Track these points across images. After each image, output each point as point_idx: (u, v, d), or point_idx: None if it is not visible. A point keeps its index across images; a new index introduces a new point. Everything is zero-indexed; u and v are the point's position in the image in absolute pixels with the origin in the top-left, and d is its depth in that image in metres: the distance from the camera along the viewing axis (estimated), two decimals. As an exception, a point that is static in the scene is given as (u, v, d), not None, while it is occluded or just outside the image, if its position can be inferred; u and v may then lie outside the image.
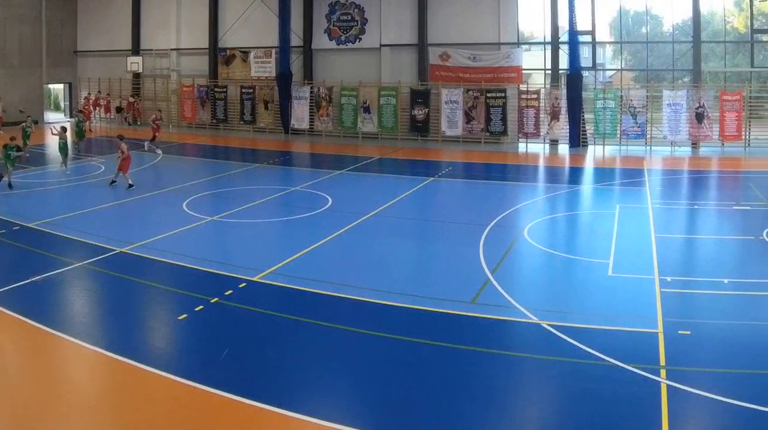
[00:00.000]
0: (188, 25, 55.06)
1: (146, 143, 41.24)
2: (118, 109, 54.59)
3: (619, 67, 49.56)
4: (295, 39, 50.78)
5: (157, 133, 41.91)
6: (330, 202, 26.89)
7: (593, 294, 17.10)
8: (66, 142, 35.43)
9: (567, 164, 41.15)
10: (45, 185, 31.48)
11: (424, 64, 48.39)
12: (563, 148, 45.45)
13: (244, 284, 17.22)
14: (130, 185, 28.88)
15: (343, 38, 50.63)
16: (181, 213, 25.02)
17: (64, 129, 35.58)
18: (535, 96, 45.81)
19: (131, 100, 56.05)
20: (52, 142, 39.56)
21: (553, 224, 24.45)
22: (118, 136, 31.34)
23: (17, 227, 23.18)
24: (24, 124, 38.31)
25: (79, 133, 41.60)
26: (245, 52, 53.07)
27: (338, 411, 11.47)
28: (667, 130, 43.55)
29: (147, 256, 19.84)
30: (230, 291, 16.69)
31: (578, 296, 17.00)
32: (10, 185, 28.46)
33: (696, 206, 27.31)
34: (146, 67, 55.96)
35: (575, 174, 37.89)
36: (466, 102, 46.78)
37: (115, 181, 29.68)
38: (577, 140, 44.78)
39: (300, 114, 50.39)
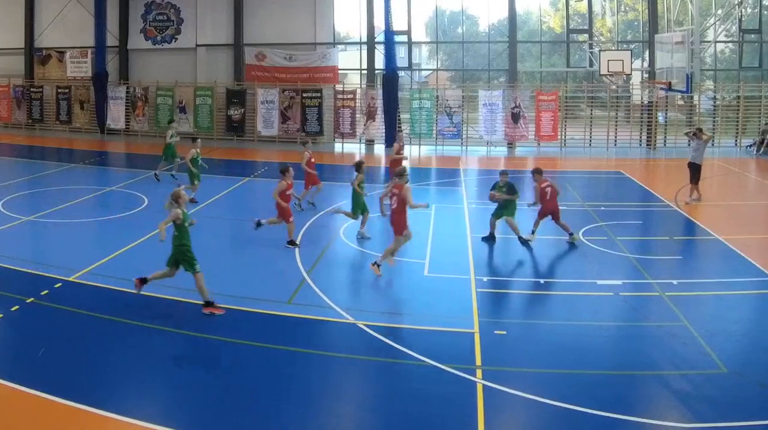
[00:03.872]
0: (3, 25, 42.25)
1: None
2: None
3: (435, 67, 39.75)
4: (111, 39, 39.21)
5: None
6: (146, 202, 22.28)
7: (409, 294, 14.37)
8: None
9: (383, 164, 32.39)
10: None
11: (240, 64, 37.89)
12: (379, 149, 36.38)
13: (59, 284, 14.23)
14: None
15: (159, 38, 39.17)
16: (-5, 213, 20.44)
17: None
18: (351, 96, 36.30)
19: (-51, 101, 42.87)
20: None
21: (370, 224, 19.00)
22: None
23: None
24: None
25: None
26: (61, 52, 40.82)
27: (155, 411, 9.49)
28: (483, 130, 35.37)
29: (-40, 256, 16.12)
30: (46, 291, 13.82)
31: (394, 296, 14.43)
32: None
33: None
34: (-38, 68, 42.80)
35: (391, 174, 28.32)
36: (282, 102, 36.55)
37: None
38: (393, 140, 34.09)
39: (116, 114, 39.08)
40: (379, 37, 36.34)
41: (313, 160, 21.67)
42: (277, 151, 35.01)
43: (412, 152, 34.99)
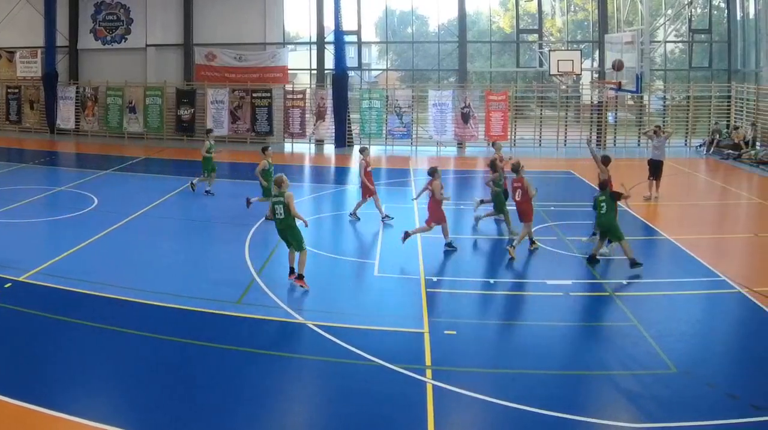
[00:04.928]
0: (-47, 25, 40.02)
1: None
2: None
3: (385, 67, 37.71)
4: (61, 39, 36.91)
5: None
6: (96, 202, 21.20)
7: (360, 294, 13.85)
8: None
9: (333, 164, 31.68)
10: None
11: (190, 64, 35.65)
12: (329, 149, 34.46)
13: (9, 284, 13.51)
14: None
15: (108, 38, 36.74)
16: (-57, 214, 19.45)
17: None
18: (300, 96, 34.22)
19: None
20: None
21: (319, 224, 19.14)
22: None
23: None
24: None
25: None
26: (11, 52, 38.32)
27: (105, 411, 9.00)
28: (433, 130, 33.32)
29: None
30: (-5, 291, 12.98)
31: (345, 297, 13.58)
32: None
33: (462, 206, 21.18)
34: None
35: (341, 174, 29.46)
36: (232, 102, 34.33)
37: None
38: (343, 140, 33.73)
39: (66, 114, 36.72)
40: (329, 37, 34.42)
41: (369, 168, 19.15)
42: (227, 151, 32.29)
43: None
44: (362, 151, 19.42)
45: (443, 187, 16.02)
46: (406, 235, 15.95)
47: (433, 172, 15.96)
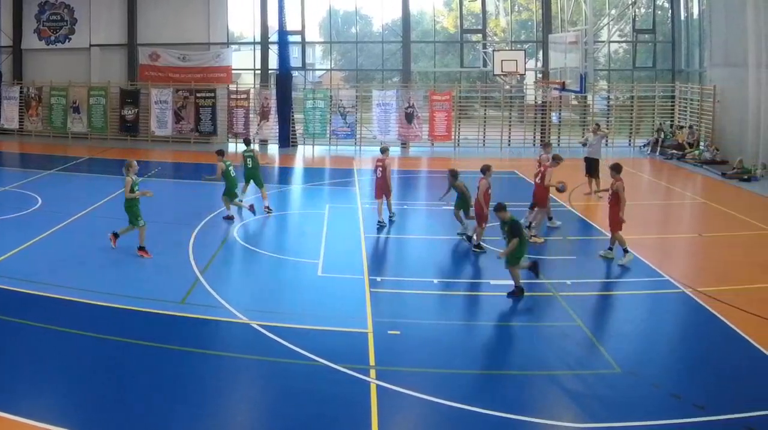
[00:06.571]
0: None
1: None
2: None
3: (329, 67, 36.29)
4: (5, 39, 35.09)
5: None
6: (40, 203, 20.27)
7: (303, 294, 13.17)
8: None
9: (276, 164, 29.72)
10: None
11: (134, 64, 33.95)
12: (273, 149, 32.87)
13: None
14: None
15: (52, 38, 34.93)
16: None
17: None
18: (244, 96, 32.72)
19: None
20: None
21: (263, 224, 18.30)
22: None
23: None
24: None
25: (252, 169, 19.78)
26: (-45, 53, 36.94)
27: (48, 411, 8.69)
28: (377, 130, 31.80)
29: None
30: (-63, 292, 12.56)
31: (288, 297, 13.08)
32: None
33: (405, 206, 20.70)
34: None
35: (285, 174, 28.08)
36: (176, 102, 32.77)
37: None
38: (287, 140, 32.17)
39: (9, 114, 34.78)
40: (273, 37, 32.81)
41: (388, 170, 17.97)
42: (171, 151, 31.79)
43: (306, 152, 31.94)
44: (384, 151, 18.14)
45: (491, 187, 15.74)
46: (475, 243, 15.64)
47: (486, 169, 15.61)
